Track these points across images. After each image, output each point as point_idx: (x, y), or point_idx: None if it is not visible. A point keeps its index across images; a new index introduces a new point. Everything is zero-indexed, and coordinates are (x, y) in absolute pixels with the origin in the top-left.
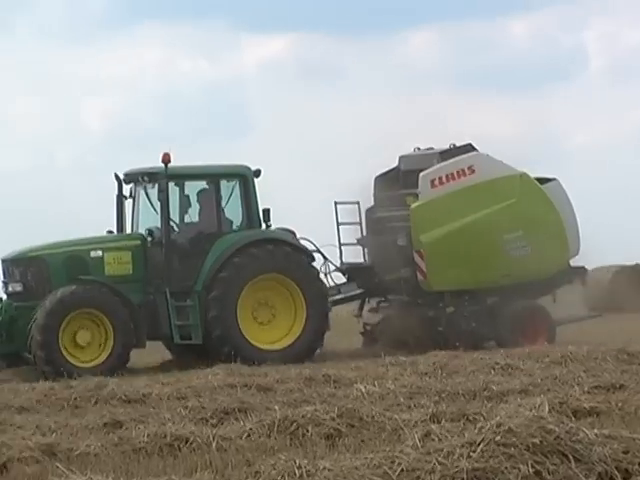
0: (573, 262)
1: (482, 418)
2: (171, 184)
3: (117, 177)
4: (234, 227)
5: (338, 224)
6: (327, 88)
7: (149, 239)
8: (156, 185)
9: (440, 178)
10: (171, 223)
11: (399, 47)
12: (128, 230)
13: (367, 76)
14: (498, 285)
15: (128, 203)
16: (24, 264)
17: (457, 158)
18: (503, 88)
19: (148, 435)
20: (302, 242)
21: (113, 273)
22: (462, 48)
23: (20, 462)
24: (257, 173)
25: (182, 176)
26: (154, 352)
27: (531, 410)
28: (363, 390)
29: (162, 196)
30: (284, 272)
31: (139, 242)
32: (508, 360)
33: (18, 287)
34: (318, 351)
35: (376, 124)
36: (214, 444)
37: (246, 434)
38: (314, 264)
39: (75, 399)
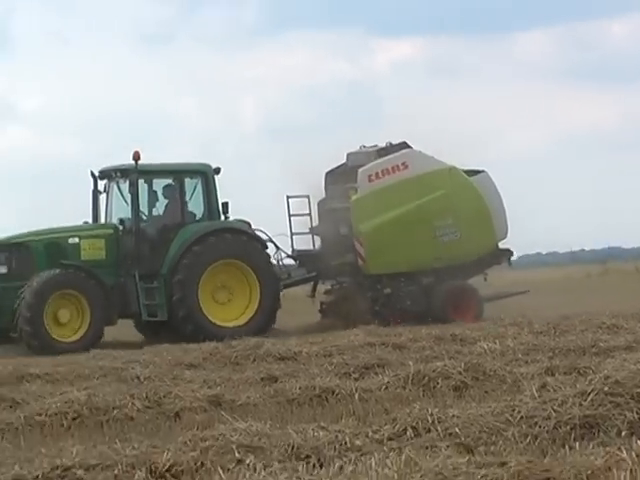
0: (502, 245)
1: (591, 371)
2: (140, 180)
3: (92, 174)
4: (197, 218)
5: (290, 215)
6: (451, 84)
7: (121, 228)
8: (127, 180)
9: (377, 173)
10: (140, 214)
11: (517, 46)
12: (102, 221)
13: (487, 73)
14: (431, 267)
15: (102, 197)
16: (8, 249)
17: (392, 155)
18: (607, 81)
19: (299, 388)
20: (256, 232)
21: (88, 258)
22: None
23: (190, 411)
24: (217, 170)
25: (150, 172)
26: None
27: (635, 364)
28: (485, 347)
29: (132, 190)
30: (240, 258)
31: (112, 231)
32: (613, 320)
33: (3, 269)
34: (272, 327)
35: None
36: (356, 395)
37: (384, 386)
38: (267, 251)
39: (236, 357)
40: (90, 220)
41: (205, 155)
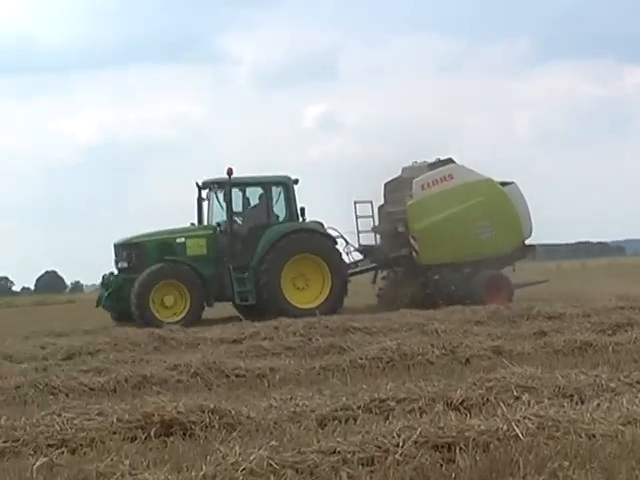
0: (527, 242)
1: None
2: (234, 190)
3: (197, 185)
4: (279, 220)
5: (357, 217)
6: None
7: (218, 229)
8: (222, 190)
9: (428, 183)
10: (233, 218)
11: None
12: (205, 223)
13: None
14: (471, 259)
15: (205, 203)
16: (129, 247)
17: (440, 168)
18: None
19: (564, 341)
20: (329, 230)
21: (192, 254)
22: None
23: (478, 358)
24: (296, 181)
25: (240, 184)
26: None
27: None
28: None
29: (226, 198)
30: (315, 252)
31: (211, 231)
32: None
33: (124, 264)
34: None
35: None
36: (610, 347)
37: (633, 341)
38: (337, 246)
39: (513, 316)
40: (196, 222)
41: (488, 160)
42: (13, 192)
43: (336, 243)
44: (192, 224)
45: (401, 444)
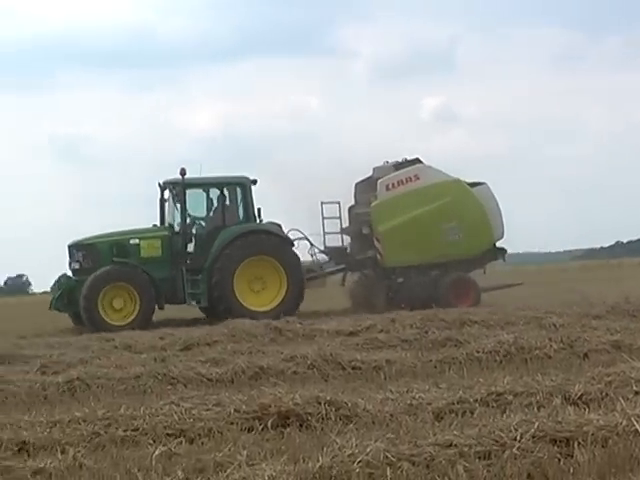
0: (499, 244)
1: None
2: (188, 190)
3: (159, 185)
4: (236, 221)
5: (323, 218)
6: None
7: (172, 230)
8: (175, 191)
9: (393, 183)
10: (187, 219)
11: None
12: (166, 225)
13: None
14: (438, 262)
15: (166, 205)
16: (81, 248)
17: (406, 169)
18: None
19: None
20: (293, 232)
21: (147, 255)
22: None
23: (596, 352)
24: (254, 182)
25: (194, 185)
26: None
27: None
28: None
29: (179, 199)
30: (270, 254)
31: (167, 232)
32: None
33: (76, 265)
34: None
35: None
36: None
37: None
38: (294, 249)
39: (633, 310)
40: (158, 224)
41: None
42: (134, 186)
43: (293, 245)
44: (154, 225)
45: (518, 438)
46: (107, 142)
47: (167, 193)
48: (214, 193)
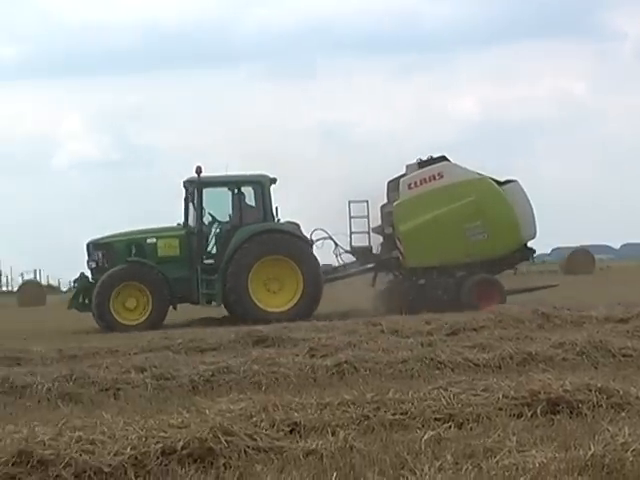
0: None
1: None
2: (206, 189)
3: (183, 184)
4: (253, 221)
5: (350, 217)
6: None
7: (189, 230)
8: (193, 190)
9: (415, 182)
10: (204, 218)
11: None
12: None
13: None
14: (462, 262)
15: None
16: (98, 248)
17: (429, 167)
18: None
19: None
20: (318, 231)
21: (164, 255)
22: None
23: None
24: (273, 180)
25: (212, 183)
26: None
27: None
28: None
29: (194, 198)
30: (286, 254)
31: (184, 232)
32: None
33: (93, 264)
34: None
35: None
36: None
37: None
38: (310, 248)
39: None
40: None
41: None
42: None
43: (310, 245)
44: (178, 224)
45: None
46: (371, 126)
47: (188, 192)
48: (232, 192)
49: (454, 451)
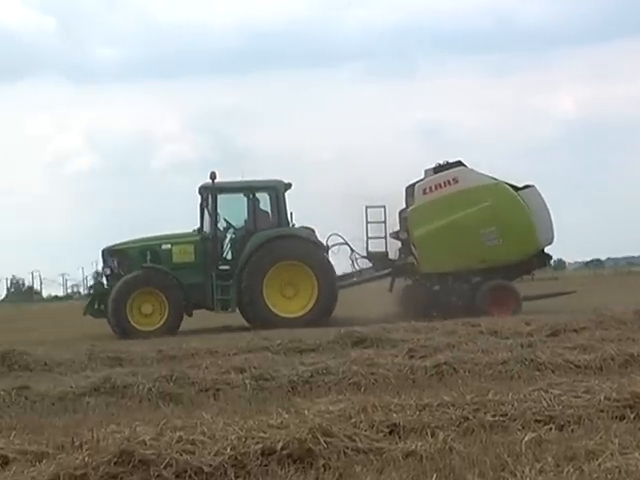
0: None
1: None
2: (220, 195)
3: (199, 190)
4: (268, 226)
5: (367, 222)
6: None
7: (203, 235)
8: (207, 196)
9: (430, 187)
10: (219, 224)
11: None
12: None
13: None
14: (477, 268)
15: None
16: (113, 254)
17: (444, 172)
18: None
19: None
20: (334, 237)
21: (179, 261)
22: None
23: None
24: (288, 186)
25: (227, 189)
26: None
27: None
28: None
29: (209, 203)
30: (301, 259)
31: (199, 238)
32: None
33: (108, 271)
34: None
35: None
36: None
37: None
38: (325, 254)
39: None
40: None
41: None
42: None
43: (325, 250)
44: (194, 230)
45: None
46: (469, 127)
47: (203, 198)
48: (247, 198)
49: (555, 453)
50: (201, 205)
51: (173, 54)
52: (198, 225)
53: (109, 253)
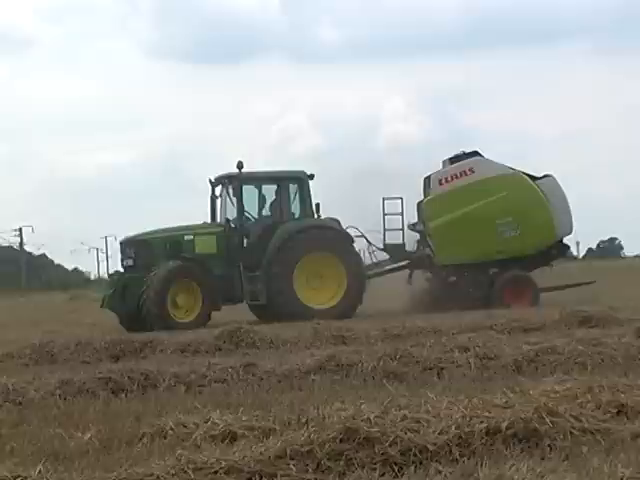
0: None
1: None
2: (245, 185)
3: (210, 181)
4: (294, 217)
5: (384, 214)
6: None
7: (227, 226)
8: (232, 186)
9: (446, 178)
10: (244, 214)
11: None
12: (218, 221)
13: None
14: (494, 259)
15: (218, 201)
16: (135, 245)
17: (460, 162)
18: None
19: None
20: (350, 229)
21: (201, 252)
22: None
23: None
24: (311, 176)
25: (251, 179)
26: None
27: None
28: None
29: (236, 194)
30: (329, 250)
31: (221, 229)
32: None
33: (130, 262)
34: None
35: None
36: None
37: None
38: (354, 245)
39: None
40: (209, 221)
41: None
42: None
43: (353, 241)
44: (205, 222)
45: None
46: None
47: (219, 189)
48: (271, 188)
49: None
50: (213, 197)
51: (395, 34)
52: (209, 218)
53: (129, 244)
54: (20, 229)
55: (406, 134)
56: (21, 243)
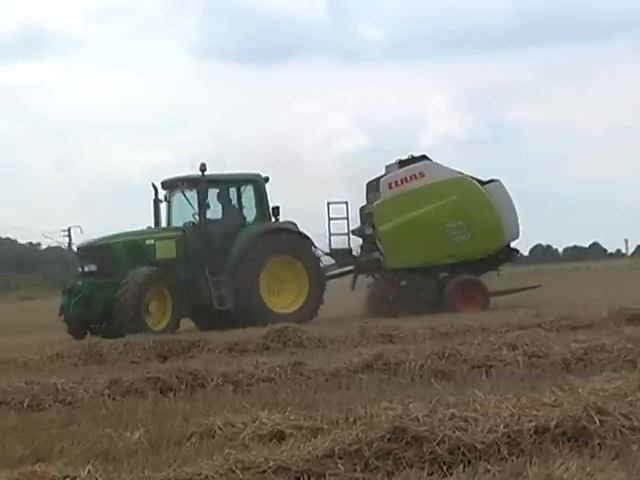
0: (514, 244)
1: None
2: (211, 188)
3: (153, 185)
4: (250, 221)
5: (329, 219)
6: None
7: (186, 231)
8: (195, 189)
9: (396, 182)
10: (201, 217)
11: None
12: (163, 225)
13: None
14: (444, 263)
15: (164, 205)
16: (96, 250)
17: (410, 166)
18: None
19: None
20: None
21: (162, 257)
22: None
23: None
24: (266, 179)
25: (212, 182)
26: None
27: None
28: None
29: (200, 197)
30: (293, 254)
31: (180, 233)
32: None
33: (92, 267)
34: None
35: None
36: None
37: None
38: (314, 249)
39: None
40: (152, 226)
41: None
42: None
43: (314, 245)
44: (148, 227)
45: None
46: None
47: (166, 193)
48: (229, 191)
49: None
50: (156, 200)
51: (437, 33)
52: (153, 222)
53: (90, 249)
54: (69, 229)
55: (450, 132)
56: (69, 243)
